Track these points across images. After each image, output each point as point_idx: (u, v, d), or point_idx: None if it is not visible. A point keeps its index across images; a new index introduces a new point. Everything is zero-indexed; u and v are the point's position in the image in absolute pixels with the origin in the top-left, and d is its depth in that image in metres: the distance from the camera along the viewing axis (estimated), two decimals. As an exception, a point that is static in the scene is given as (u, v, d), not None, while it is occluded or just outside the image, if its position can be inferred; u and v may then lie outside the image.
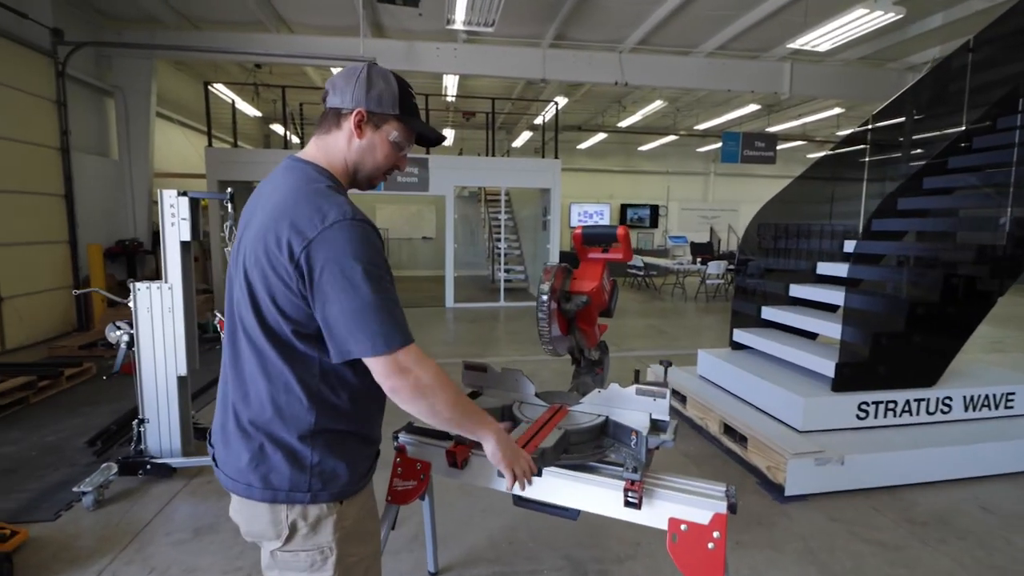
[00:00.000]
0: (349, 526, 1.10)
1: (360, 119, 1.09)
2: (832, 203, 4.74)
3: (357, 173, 1.15)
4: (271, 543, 1.08)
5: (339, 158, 1.12)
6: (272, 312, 1.01)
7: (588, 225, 1.58)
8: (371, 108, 1.09)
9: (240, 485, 1.06)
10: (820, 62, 8.96)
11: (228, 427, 1.08)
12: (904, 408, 3.26)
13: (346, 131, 1.10)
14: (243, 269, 1.04)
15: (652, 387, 1.44)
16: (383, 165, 1.15)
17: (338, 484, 1.07)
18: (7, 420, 3.80)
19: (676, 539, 1.29)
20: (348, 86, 1.09)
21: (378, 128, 1.12)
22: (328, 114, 1.12)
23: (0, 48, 5.73)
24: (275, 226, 0.99)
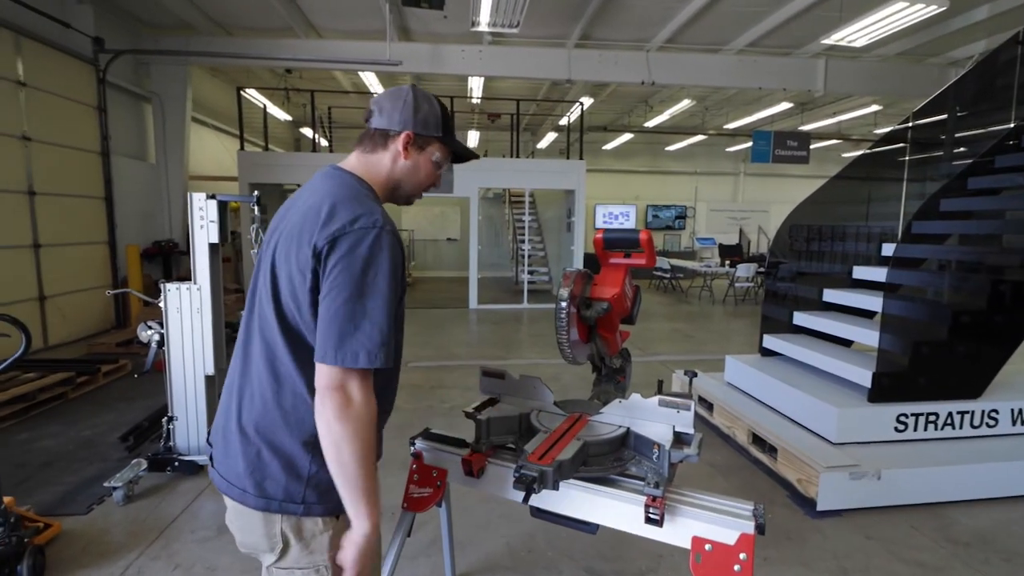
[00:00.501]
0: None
1: (408, 141, 1.13)
2: (869, 204, 4.55)
3: (398, 190, 1.19)
4: (266, 557, 1.06)
5: (382, 175, 1.15)
6: (291, 307, 1.01)
7: (610, 229, 1.54)
8: (418, 131, 1.14)
9: (235, 489, 1.04)
10: (856, 58, 8.65)
11: (229, 427, 1.07)
12: (946, 421, 3.09)
13: (392, 152, 1.14)
14: (271, 263, 1.05)
15: (676, 398, 1.38)
16: (424, 183, 1.21)
17: (334, 498, 1.02)
18: (47, 415, 3.95)
19: (700, 559, 1.23)
20: (395, 109, 1.13)
21: (422, 149, 1.17)
22: (374, 134, 1.15)
23: (47, 57, 5.99)
24: (306, 223, 1.00)
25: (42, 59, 5.91)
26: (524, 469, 1.21)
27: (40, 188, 5.82)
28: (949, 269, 3.63)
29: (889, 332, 3.17)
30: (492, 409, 1.60)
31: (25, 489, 2.84)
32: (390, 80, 9.89)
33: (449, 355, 5.96)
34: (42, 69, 5.89)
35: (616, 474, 1.37)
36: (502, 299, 10.34)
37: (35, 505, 2.60)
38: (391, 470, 3.06)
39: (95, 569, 2.20)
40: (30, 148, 5.71)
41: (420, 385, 4.73)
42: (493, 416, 1.53)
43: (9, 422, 3.73)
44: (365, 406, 0.95)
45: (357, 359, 0.93)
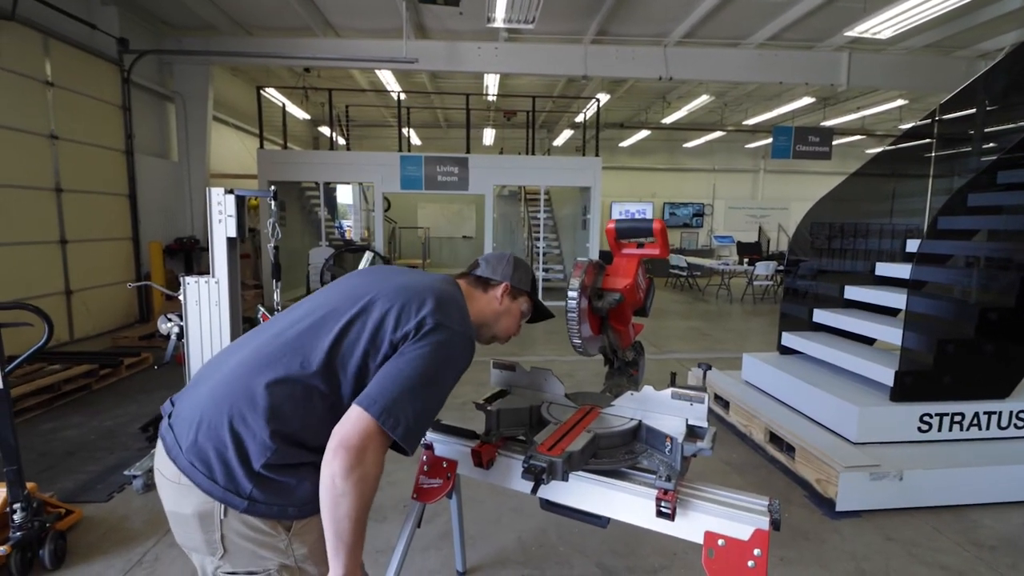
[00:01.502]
0: (304, 554, 1.04)
1: (506, 290, 1.38)
2: (893, 200, 4.43)
3: (486, 328, 1.38)
4: (208, 560, 1.02)
5: (476, 308, 1.35)
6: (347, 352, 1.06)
7: (622, 219, 1.52)
8: (515, 284, 1.39)
9: (182, 457, 0.99)
10: (881, 51, 8.44)
11: (207, 409, 1.03)
12: (972, 421, 3.00)
13: (491, 295, 1.38)
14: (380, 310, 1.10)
15: (689, 391, 1.36)
16: (511, 328, 1.43)
17: (283, 501, 1.00)
18: (71, 405, 4.05)
19: (713, 554, 1.21)
20: (499, 265, 1.41)
21: (515, 300, 1.41)
22: (478, 280, 1.39)
23: (73, 58, 6.14)
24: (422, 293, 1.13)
25: (69, 60, 6.06)
26: (533, 460, 1.19)
27: (67, 185, 5.97)
28: (977, 265, 3.52)
29: (913, 330, 3.08)
30: (503, 401, 1.59)
31: (49, 476, 2.91)
32: (406, 78, 9.94)
33: (463, 351, 5.96)
34: (69, 69, 6.04)
35: (627, 467, 1.35)
36: (517, 296, 10.31)
37: (58, 492, 2.66)
38: (403, 463, 3.08)
39: (115, 555, 2.25)
40: (57, 146, 5.86)
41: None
42: (503, 407, 1.52)
43: (34, 412, 3.84)
44: (375, 469, 0.96)
45: (396, 427, 0.97)
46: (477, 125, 13.02)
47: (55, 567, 2.13)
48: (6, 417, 2.05)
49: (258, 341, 1.11)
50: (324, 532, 0.97)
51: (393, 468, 3.04)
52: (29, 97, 5.54)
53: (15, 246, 5.32)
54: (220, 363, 1.11)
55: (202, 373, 1.13)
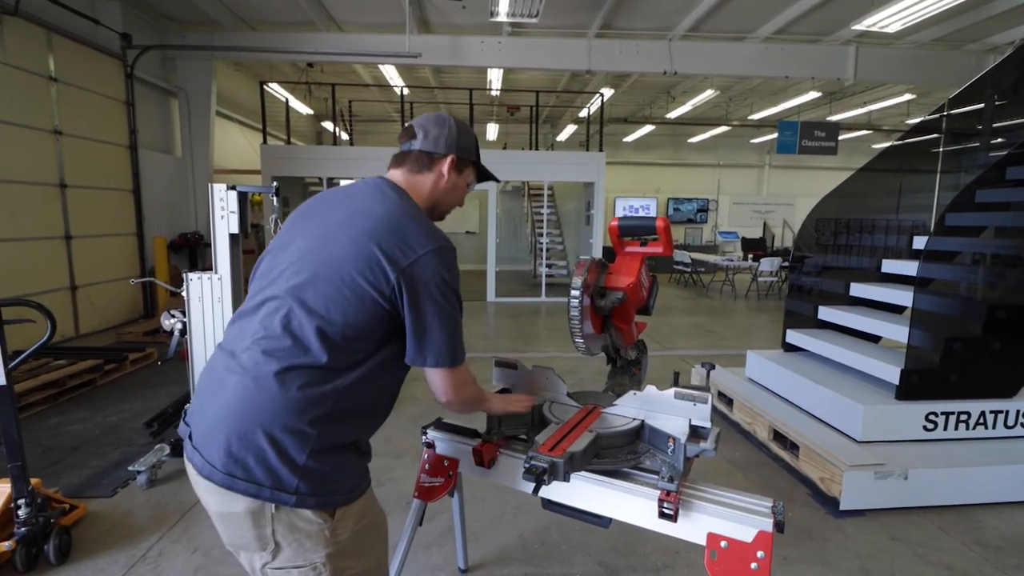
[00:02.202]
0: (345, 540, 1.05)
1: (453, 163, 1.27)
2: (900, 196, 4.39)
3: (435, 208, 1.31)
4: (257, 557, 1.03)
5: (424, 194, 1.27)
6: (332, 303, 1.04)
7: (625, 217, 1.50)
8: (461, 155, 1.28)
9: (217, 472, 0.99)
10: (889, 44, 8.35)
11: (220, 409, 1.03)
12: (978, 420, 2.98)
13: (436, 173, 1.27)
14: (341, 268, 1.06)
15: (692, 391, 1.34)
16: (457, 202, 1.35)
17: (328, 491, 1.02)
18: (76, 400, 4.07)
19: (716, 556, 1.20)
20: (441, 134, 1.26)
21: (460, 172, 1.31)
22: (420, 155, 1.26)
23: (77, 54, 6.14)
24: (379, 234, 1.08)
25: (72, 55, 6.06)
26: (534, 460, 1.19)
27: (71, 181, 5.99)
28: (984, 263, 3.48)
29: (919, 328, 3.05)
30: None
31: (54, 472, 2.93)
32: (409, 73, 9.90)
33: (468, 347, 5.94)
34: (72, 65, 6.04)
35: (630, 467, 1.34)
36: (520, 292, 10.31)
37: (63, 487, 2.68)
38: (406, 460, 3.08)
39: (119, 550, 2.26)
40: (61, 142, 5.87)
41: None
42: (505, 407, 1.51)
43: (40, 407, 3.86)
44: (472, 389, 1.22)
45: (459, 358, 1.14)
46: (481, 120, 12.96)
47: (60, 562, 2.14)
48: (10, 413, 2.06)
49: (253, 333, 1.06)
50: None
51: (394, 464, 3.04)
52: (33, 93, 5.55)
53: (20, 242, 5.34)
54: (225, 367, 1.06)
55: (209, 382, 1.09)
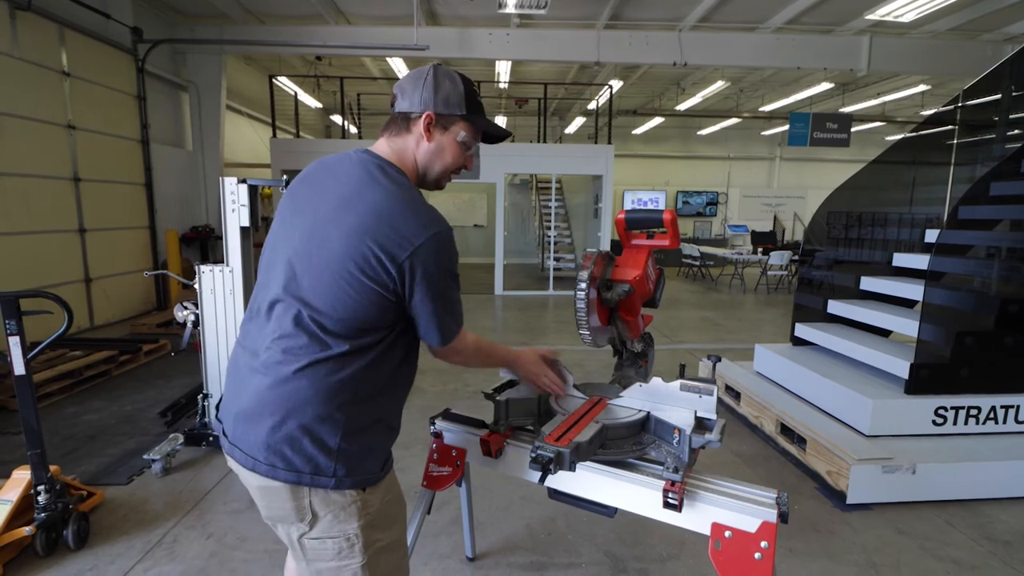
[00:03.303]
0: (375, 512, 1.09)
1: (429, 122, 1.11)
2: (912, 189, 4.33)
3: (426, 175, 1.17)
4: (295, 528, 1.07)
5: (409, 161, 1.14)
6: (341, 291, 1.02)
7: (632, 209, 1.50)
8: (439, 110, 1.11)
9: (260, 464, 1.03)
10: (904, 35, 8.21)
11: (251, 402, 1.05)
12: (989, 415, 2.95)
13: (415, 135, 1.13)
14: (312, 244, 1.04)
15: (698, 383, 1.35)
16: (452, 166, 1.17)
17: (364, 469, 1.07)
18: (92, 391, 4.15)
19: (720, 546, 1.21)
20: (416, 90, 1.11)
21: (446, 130, 1.14)
22: (397, 118, 1.14)
23: (88, 48, 6.20)
24: (373, 227, 1.01)
25: (84, 50, 6.12)
26: (540, 450, 1.20)
27: (84, 175, 6.07)
28: (999, 256, 3.44)
29: (930, 322, 3.03)
30: (511, 391, 1.60)
31: (72, 460, 3.00)
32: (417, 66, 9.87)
33: (474, 340, 5.99)
34: (84, 59, 6.10)
35: (635, 458, 1.36)
36: (528, 286, 10.33)
37: (80, 475, 2.74)
38: (414, 450, 3.12)
39: (135, 536, 2.32)
40: (75, 136, 5.94)
41: (445, 369, 4.77)
42: (512, 397, 1.53)
43: (57, 397, 3.94)
44: (471, 348, 1.24)
45: (454, 333, 1.15)
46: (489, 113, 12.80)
47: (78, 547, 2.20)
48: (29, 402, 2.11)
49: (271, 332, 1.06)
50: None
51: (402, 455, 3.08)
52: (46, 87, 5.61)
53: (36, 235, 5.43)
54: (249, 367, 1.08)
55: (236, 380, 1.11)
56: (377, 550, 1.10)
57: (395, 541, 1.16)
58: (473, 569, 2.14)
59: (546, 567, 2.16)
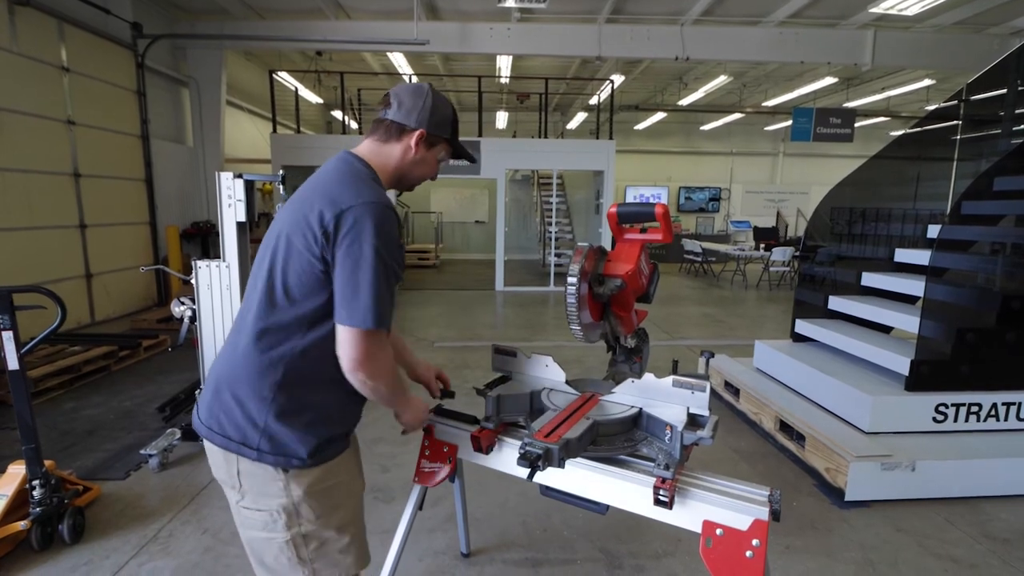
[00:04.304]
0: (302, 495, 1.15)
1: (421, 138, 1.24)
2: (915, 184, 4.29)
3: (403, 180, 1.30)
4: (233, 493, 1.18)
5: (390, 164, 1.26)
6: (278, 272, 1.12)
7: (624, 204, 1.48)
8: (431, 130, 1.25)
9: (202, 426, 1.17)
10: (908, 28, 8.13)
11: (212, 375, 1.20)
12: (990, 412, 2.93)
13: (404, 145, 1.25)
14: (279, 230, 1.16)
15: (690, 379, 1.34)
16: (427, 176, 1.33)
17: (286, 453, 1.13)
18: (91, 386, 4.16)
19: (711, 544, 1.20)
20: (415, 107, 1.23)
21: (431, 147, 1.28)
22: (389, 125, 1.25)
23: (88, 44, 6.19)
24: (314, 198, 1.12)
25: (84, 45, 6.11)
26: (529, 446, 1.19)
27: (84, 170, 6.07)
28: (1002, 252, 3.40)
29: (931, 318, 3.00)
30: (503, 387, 1.59)
31: (70, 454, 3.01)
32: (418, 61, 9.86)
33: (474, 336, 5.99)
34: (84, 55, 6.09)
35: (627, 455, 1.34)
36: (529, 281, 10.31)
37: (77, 469, 2.75)
38: (411, 448, 3.11)
39: (131, 531, 2.32)
40: (75, 132, 5.94)
41: (444, 365, 4.77)
42: (503, 393, 1.51)
43: (56, 392, 3.95)
44: (385, 360, 1.13)
45: (378, 322, 1.07)
46: (490, 108, 12.89)
47: (74, 541, 2.20)
48: (23, 397, 2.11)
49: (248, 304, 1.20)
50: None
51: (399, 451, 3.08)
52: (46, 83, 5.61)
53: (36, 230, 5.43)
54: (230, 337, 1.23)
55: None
56: (305, 534, 1.16)
57: (331, 536, 1.20)
58: (467, 565, 2.13)
59: (541, 563, 2.15)
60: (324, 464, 1.17)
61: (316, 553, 1.19)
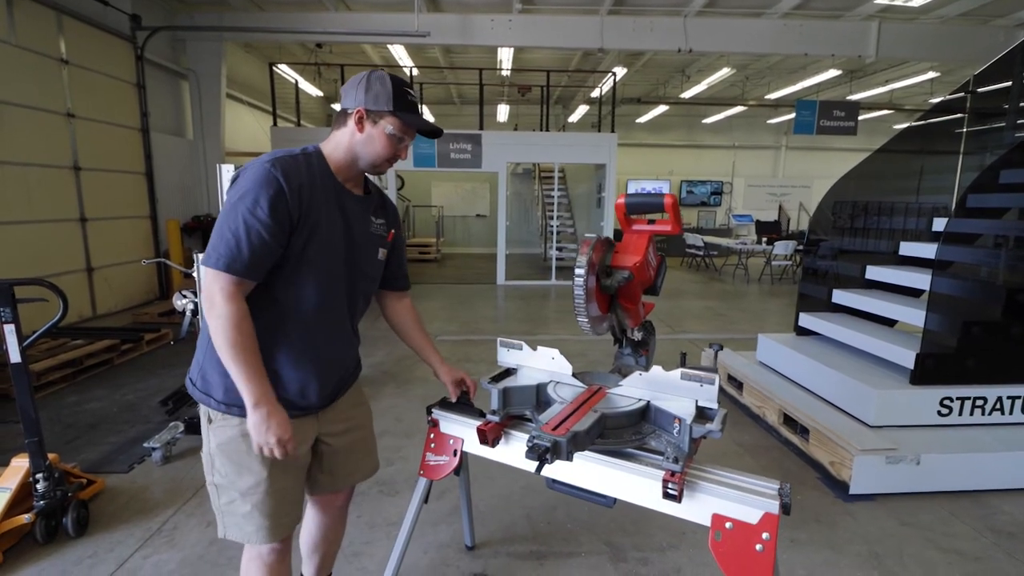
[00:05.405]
0: (219, 444, 1.26)
1: (360, 116, 1.28)
2: (920, 177, 4.26)
3: (359, 161, 1.32)
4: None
5: (341, 148, 1.31)
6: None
7: (632, 194, 1.46)
8: (369, 107, 1.27)
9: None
10: (913, 20, 8.06)
11: None
12: (995, 406, 2.92)
13: (350, 127, 1.29)
14: None
15: (699, 371, 1.32)
16: (382, 154, 1.31)
17: (209, 392, 1.26)
18: (94, 379, 4.16)
19: (720, 537, 1.19)
20: (352, 90, 1.29)
21: (376, 123, 1.29)
22: (339, 114, 1.33)
23: (87, 36, 6.14)
24: None
25: (82, 37, 6.06)
26: (537, 439, 1.18)
27: (85, 164, 6.04)
28: (1007, 245, 3.38)
29: (936, 311, 2.99)
30: (509, 380, 1.58)
31: (74, 447, 3.00)
32: (418, 53, 9.79)
33: (476, 330, 5.99)
34: (83, 47, 6.05)
35: (635, 448, 1.33)
36: (530, 275, 10.29)
37: (81, 463, 2.74)
38: (416, 440, 3.11)
39: (135, 524, 2.32)
40: (74, 125, 5.91)
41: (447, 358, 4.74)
42: (510, 386, 1.50)
43: (59, 385, 3.95)
44: (225, 307, 1.14)
45: (217, 261, 1.13)
46: (491, 101, 12.83)
47: (78, 535, 2.20)
48: (26, 390, 2.10)
49: None
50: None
51: (404, 443, 3.07)
52: (45, 75, 5.57)
53: (37, 224, 5.42)
54: None
55: None
56: (217, 484, 1.29)
57: (239, 493, 1.27)
58: (472, 558, 2.13)
59: (545, 556, 2.15)
60: (241, 421, 1.23)
61: (226, 508, 1.29)
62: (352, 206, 1.34)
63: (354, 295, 1.37)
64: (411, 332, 1.61)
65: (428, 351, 1.61)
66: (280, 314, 1.25)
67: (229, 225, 1.14)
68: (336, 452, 1.43)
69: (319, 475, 1.44)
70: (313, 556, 1.61)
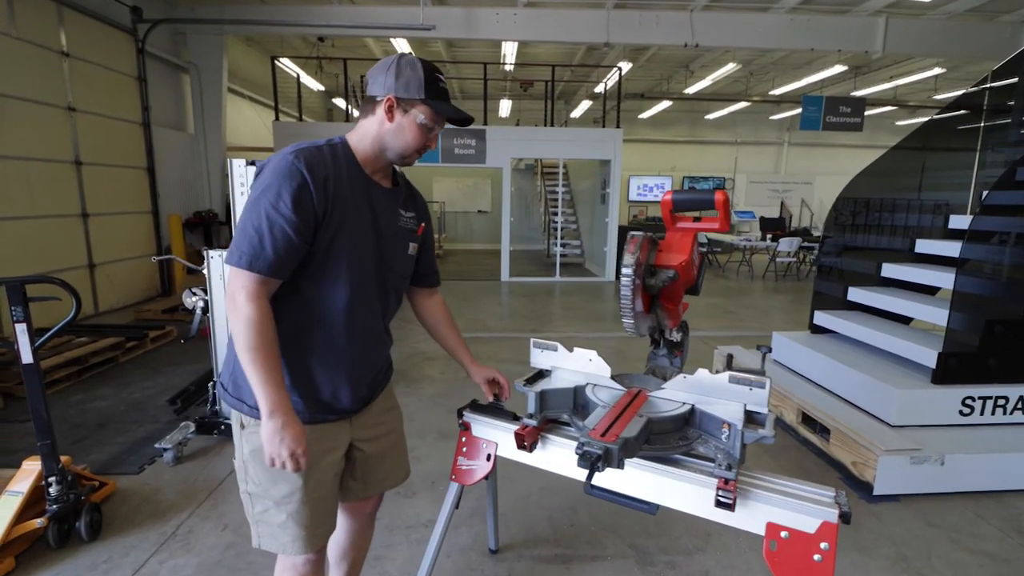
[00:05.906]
0: (247, 454, 1.23)
1: (390, 105, 1.21)
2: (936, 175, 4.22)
3: (387, 152, 1.25)
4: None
5: (368, 138, 1.24)
6: None
7: (680, 191, 1.41)
8: (399, 95, 1.20)
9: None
10: (920, 15, 8.00)
11: None
12: (1017, 405, 2.89)
13: (379, 116, 1.22)
14: None
15: (748, 375, 1.28)
16: (412, 145, 1.25)
17: (242, 397, 1.21)
18: (98, 378, 4.10)
19: (775, 547, 1.15)
20: (381, 76, 1.21)
21: (407, 112, 1.22)
22: (366, 101, 1.25)
23: (87, 28, 6.04)
24: None
25: (83, 30, 5.96)
26: (587, 446, 1.13)
27: (86, 158, 5.95)
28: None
29: (959, 310, 2.95)
30: (545, 381, 1.53)
31: (81, 448, 2.95)
32: (422, 47, 9.69)
33: (482, 327, 5.94)
34: (83, 40, 5.95)
35: (681, 453, 1.29)
36: (534, 272, 10.24)
37: (90, 464, 2.69)
38: (428, 439, 3.06)
39: (149, 527, 2.27)
40: (75, 119, 5.82)
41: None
42: (547, 389, 1.45)
43: (64, 384, 3.88)
44: (247, 308, 1.08)
45: (240, 260, 1.08)
46: (494, 96, 12.72)
47: (91, 539, 2.15)
48: (38, 391, 2.04)
49: None
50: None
51: (416, 444, 3.03)
52: (46, 68, 5.48)
53: (38, 219, 5.33)
54: None
55: None
56: (251, 493, 1.24)
57: (274, 502, 1.22)
58: (496, 562, 2.09)
59: (571, 560, 2.11)
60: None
61: (261, 516, 1.24)
62: (380, 199, 1.28)
63: (385, 292, 1.32)
64: (443, 330, 1.56)
65: (460, 350, 1.55)
66: (309, 314, 1.20)
67: (251, 221, 1.09)
68: (368, 458, 1.38)
69: (351, 482, 1.39)
70: (341, 563, 1.56)
